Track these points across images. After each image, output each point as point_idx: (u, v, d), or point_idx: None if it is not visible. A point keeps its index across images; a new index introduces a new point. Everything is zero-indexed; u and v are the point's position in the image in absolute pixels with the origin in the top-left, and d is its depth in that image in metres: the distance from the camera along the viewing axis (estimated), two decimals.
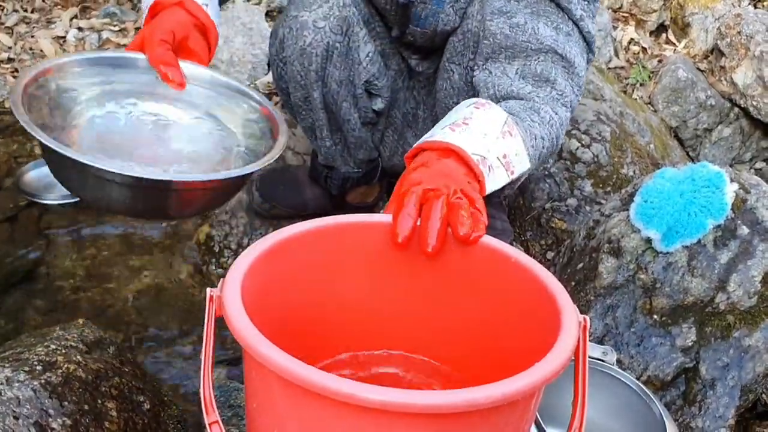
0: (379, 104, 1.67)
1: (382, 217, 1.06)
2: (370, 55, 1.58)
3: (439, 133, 1.14)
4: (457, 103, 1.56)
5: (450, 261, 1.04)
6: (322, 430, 0.79)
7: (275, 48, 1.63)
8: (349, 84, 1.60)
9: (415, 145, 1.15)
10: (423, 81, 1.72)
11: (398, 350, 1.12)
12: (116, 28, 2.79)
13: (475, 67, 1.46)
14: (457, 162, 1.10)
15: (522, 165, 1.25)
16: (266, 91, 2.45)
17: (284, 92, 1.69)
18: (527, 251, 2.00)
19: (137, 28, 2.79)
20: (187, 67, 1.34)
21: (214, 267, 1.96)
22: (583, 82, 1.45)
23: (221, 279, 0.90)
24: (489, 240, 1.04)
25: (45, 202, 2.09)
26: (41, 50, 2.65)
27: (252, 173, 1.20)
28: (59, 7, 2.93)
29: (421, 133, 1.77)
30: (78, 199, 1.78)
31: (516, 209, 2.05)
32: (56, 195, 2.09)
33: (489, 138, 1.17)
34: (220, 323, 0.87)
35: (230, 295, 0.87)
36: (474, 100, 1.29)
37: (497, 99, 1.37)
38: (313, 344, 1.06)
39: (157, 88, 1.33)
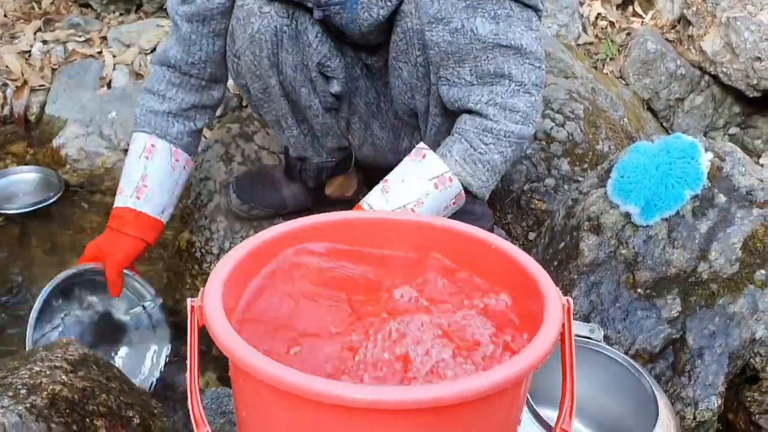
0: (335, 87, 1.66)
1: (359, 214, 1.06)
2: (319, 35, 1.57)
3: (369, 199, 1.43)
4: (412, 98, 1.61)
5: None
6: None
7: (228, 45, 1.63)
8: (304, 68, 1.59)
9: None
10: (378, 73, 1.71)
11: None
12: (81, 39, 2.76)
13: (438, 81, 1.51)
14: None
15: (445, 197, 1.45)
16: (232, 94, 2.43)
17: (245, 89, 1.68)
18: (509, 234, 2.00)
19: (102, 38, 2.76)
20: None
21: (196, 273, 1.94)
22: (541, 53, 1.48)
23: (201, 288, 0.90)
24: (468, 228, 1.03)
25: (6, 212, 2.16)
26: (6, 66, 2.61)
27: None
28: (22, 21, 2.89)
29: (385, 123, 1.76)
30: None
31: (495, 193, 2.05)
32: (17, 205, 2.18)
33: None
34: (204, 331, 0.86)
35: (211, 305, 0.86)
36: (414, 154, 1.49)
37: (460, 112, 1.50)
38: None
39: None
